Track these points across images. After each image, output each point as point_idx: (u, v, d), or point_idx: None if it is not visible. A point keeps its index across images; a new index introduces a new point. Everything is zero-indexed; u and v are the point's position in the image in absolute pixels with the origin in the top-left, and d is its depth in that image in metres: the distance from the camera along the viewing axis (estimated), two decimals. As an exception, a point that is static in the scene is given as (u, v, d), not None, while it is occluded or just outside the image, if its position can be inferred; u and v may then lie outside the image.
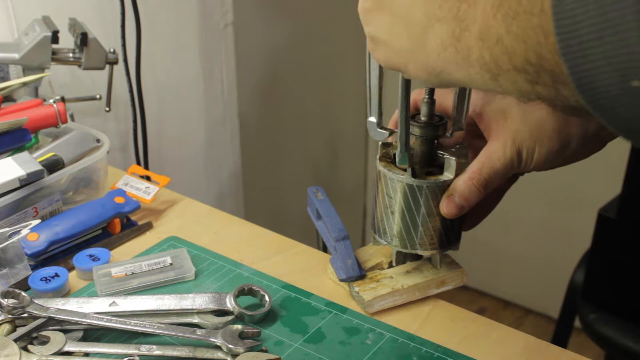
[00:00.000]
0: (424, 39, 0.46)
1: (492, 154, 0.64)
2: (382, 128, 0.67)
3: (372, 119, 0.67)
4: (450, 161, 0.67)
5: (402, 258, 0.74)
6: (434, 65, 0.46)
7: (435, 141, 0.68)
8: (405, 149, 0.65)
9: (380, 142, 0.70)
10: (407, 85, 0.61)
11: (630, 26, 0.32)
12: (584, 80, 0.34)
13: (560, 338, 1.48)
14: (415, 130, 0.67)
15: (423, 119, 0.67)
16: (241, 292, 0.71)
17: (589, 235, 1.33)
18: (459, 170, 0.67)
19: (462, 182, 0.65)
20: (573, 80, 0.35)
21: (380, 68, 0.64)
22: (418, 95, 0.68)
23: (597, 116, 0.36)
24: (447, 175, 0.67)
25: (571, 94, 0.36)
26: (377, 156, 0.70)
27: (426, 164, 0.69)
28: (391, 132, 0.67)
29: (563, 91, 0.38)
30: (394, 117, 0.70)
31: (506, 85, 0.41)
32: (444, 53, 0.44)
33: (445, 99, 0.69)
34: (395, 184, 0.67)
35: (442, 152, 0.68)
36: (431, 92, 0.66)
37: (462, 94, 0.67)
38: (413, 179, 0.66)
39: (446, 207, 0.66)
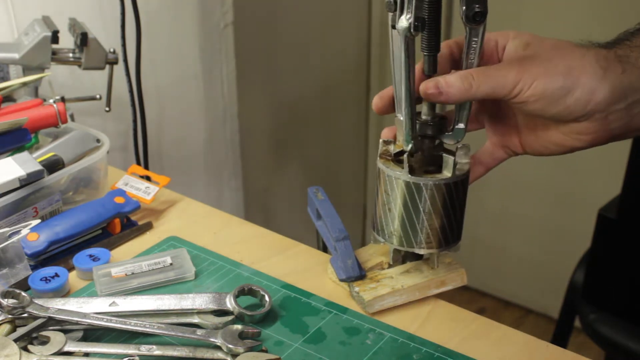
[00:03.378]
0: None
1: (494, 66, 0.63)
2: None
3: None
4: (449, 160, 0.67)
5: (399, 257, 0.74)
6: None
7: (437, 140, 0.68)
8: (411, 130, 0.65)
9: (380, 140, 0.70)
10: (409, 58, 0.62)
11: None
12: None
13: (560, 338, 1.48)
14: (419, 129, 0.67)
15: (424, 117, 0.67)
16: (241, 292, 0.71)
17: (589, 235, 1.33)
18: (459, 170, 0.67)
19: (455, 74, 0.63)
20: None
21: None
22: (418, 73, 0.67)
23: None
24: (446, 173, 0.67)
25: None
26: (378, 153, 0.70)
27: (426, 163, 0.69)
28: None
29: None
30: (386, 93, 0.69)
31: None
32: None
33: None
34: (394, 181, 0.67)
35: (442, 151, 0.68)
36: None
37: None
38: (411, 176, 0.66)
39: (424, 84, 0.64)
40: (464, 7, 0.62)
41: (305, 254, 0.82)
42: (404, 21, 0.62)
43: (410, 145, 0.66)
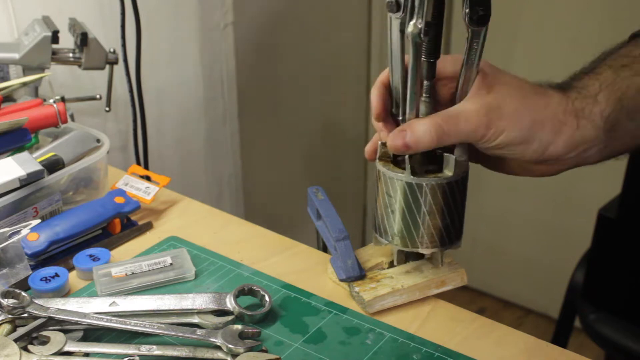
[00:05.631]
0: None
1: (462, 114, 0.64)
2: None
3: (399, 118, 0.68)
4: (449, 158, 0.67)
5: (403, 257, 0.74)
6: None
7: None
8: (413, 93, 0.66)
9: (379, 142, 0.70)
10: (417, 62, 0.63)
11: None
12: None
13: (560, 338, 1.48)
14: None
15: (421, 117, 0.67)
16: (241, 292, 0.71)
17: (589, 235, 1.33)
18: (458, 169, 0.67)
19: (423, 124, 0.64)
20: None
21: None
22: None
23: None
24: (447, 172, 0.67)
25: None
26: (377, 155, 0.70)
27: (426, 162, 0.69)
28: None
29: None
30: (381, 78, 0.70)
31: None
32: None
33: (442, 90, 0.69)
34: (395, 182, 0.67)
35: (441, 149, 0.68)
36: (429, 90, 0.66)
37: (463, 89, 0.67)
38: (412, 177, 0.66)
39: (392, 139, 0.65)
40: (468, 10, 0.62)
41: (305, 254, 0.82)
42: (414, 26, 0.62)
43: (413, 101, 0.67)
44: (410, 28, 0.62)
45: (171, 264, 0.77)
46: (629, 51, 0.68)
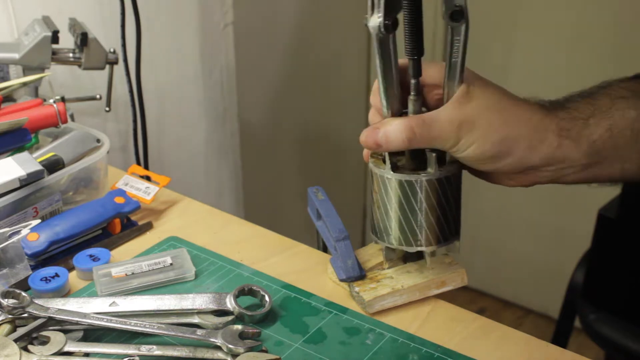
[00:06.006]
0: None
1: (435, 122, 0.64)
2: None
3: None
4: (431, 156, 0.66)
5: (393, 255, 0.74)
6: None
7: None
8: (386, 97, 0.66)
9: None
10: (383, 58, 0.63)
11: None
12: None
13: (560, 338, 1.48)
14: None
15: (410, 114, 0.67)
16: (241, 292, 0.71)
17: (589, 235, 1.33)
18: (450, 164, 0.67)
19: (396, 125, 0.64)
20: None
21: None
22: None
23: None
24: (429, 170, 0.67)
25: None
26: (370, 154, 0.70)
27: (417, 160, 0.68)
28: None
29: None
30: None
31: None
32: None
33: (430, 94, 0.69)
34: (385, 180, 0.67)
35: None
36: (417, 89, 0.66)
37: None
38: (394, 173, 0.66)
39: (365, 135, 0.66)
40: (444, 6, 0.61)
41: (305, 254, 0.82)
42: (374, 20, 0.61)
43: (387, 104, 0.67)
44: (370, 22, 0.61)
45: (171, 264, 0.77)
46: (630, 85, 0.68)
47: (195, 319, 0.69)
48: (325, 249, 0.81)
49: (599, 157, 0.65)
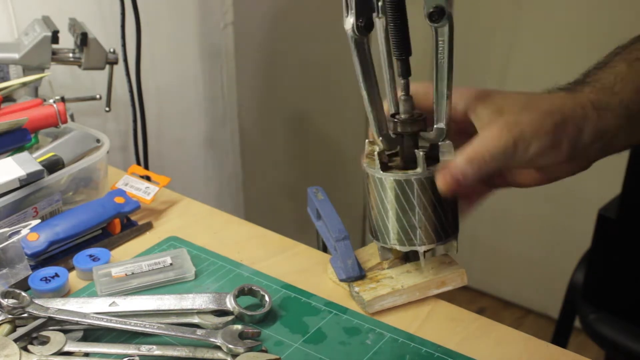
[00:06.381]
0: None
1: (487, 139, 0.64)
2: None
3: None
4: (418, 154, 0.66)
5: (388, 254, 0.73)
6: None
7: (418, 138, 0.68)
8: (376, 127, 0.66)
9: (366, 140, 0.70)
10: (359, 60, 0.63)
11: None
12: None
13: (560, 338, 1.48)
14: (396, 127, 0.67)
15: (403, 116, 0.67)
16: (241, 292, 0.71)
17: (589, 235, 1.33)
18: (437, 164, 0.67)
19: (459, 159, 0.65)
20: None
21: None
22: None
23: None
24: (418, 170, 0.66)
25: None
26: (364, 154, 0.70)
27: (412, 160, 0.68)
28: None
29: None
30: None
31: None
32: None
33: (424, 99, 0.69)
34: (376, 180, 0.67)
35: (422, 147, 0.67)
36: (407, 88, 0.66)
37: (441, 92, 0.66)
38: (383, 172, 0.66)
39: (442, 180, 0.65)
40: (424, 6, 0.61)
41: (305, 254, 0.82)
42: (348, 22, 0.61)
43: (380, 141, 0.67)
44: (345, 24, 0.61)
45: (171, 264, 0.77)
46: None
47: (195, 319, 0.69)
48: (325, 249, 0.81)
49: (636, 118, 0.66)
